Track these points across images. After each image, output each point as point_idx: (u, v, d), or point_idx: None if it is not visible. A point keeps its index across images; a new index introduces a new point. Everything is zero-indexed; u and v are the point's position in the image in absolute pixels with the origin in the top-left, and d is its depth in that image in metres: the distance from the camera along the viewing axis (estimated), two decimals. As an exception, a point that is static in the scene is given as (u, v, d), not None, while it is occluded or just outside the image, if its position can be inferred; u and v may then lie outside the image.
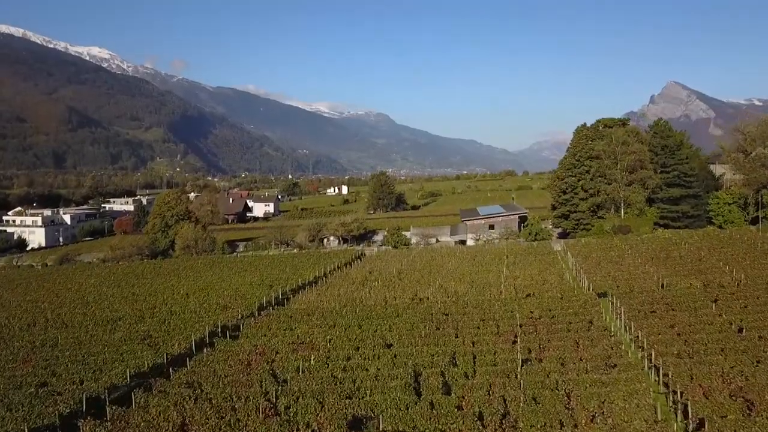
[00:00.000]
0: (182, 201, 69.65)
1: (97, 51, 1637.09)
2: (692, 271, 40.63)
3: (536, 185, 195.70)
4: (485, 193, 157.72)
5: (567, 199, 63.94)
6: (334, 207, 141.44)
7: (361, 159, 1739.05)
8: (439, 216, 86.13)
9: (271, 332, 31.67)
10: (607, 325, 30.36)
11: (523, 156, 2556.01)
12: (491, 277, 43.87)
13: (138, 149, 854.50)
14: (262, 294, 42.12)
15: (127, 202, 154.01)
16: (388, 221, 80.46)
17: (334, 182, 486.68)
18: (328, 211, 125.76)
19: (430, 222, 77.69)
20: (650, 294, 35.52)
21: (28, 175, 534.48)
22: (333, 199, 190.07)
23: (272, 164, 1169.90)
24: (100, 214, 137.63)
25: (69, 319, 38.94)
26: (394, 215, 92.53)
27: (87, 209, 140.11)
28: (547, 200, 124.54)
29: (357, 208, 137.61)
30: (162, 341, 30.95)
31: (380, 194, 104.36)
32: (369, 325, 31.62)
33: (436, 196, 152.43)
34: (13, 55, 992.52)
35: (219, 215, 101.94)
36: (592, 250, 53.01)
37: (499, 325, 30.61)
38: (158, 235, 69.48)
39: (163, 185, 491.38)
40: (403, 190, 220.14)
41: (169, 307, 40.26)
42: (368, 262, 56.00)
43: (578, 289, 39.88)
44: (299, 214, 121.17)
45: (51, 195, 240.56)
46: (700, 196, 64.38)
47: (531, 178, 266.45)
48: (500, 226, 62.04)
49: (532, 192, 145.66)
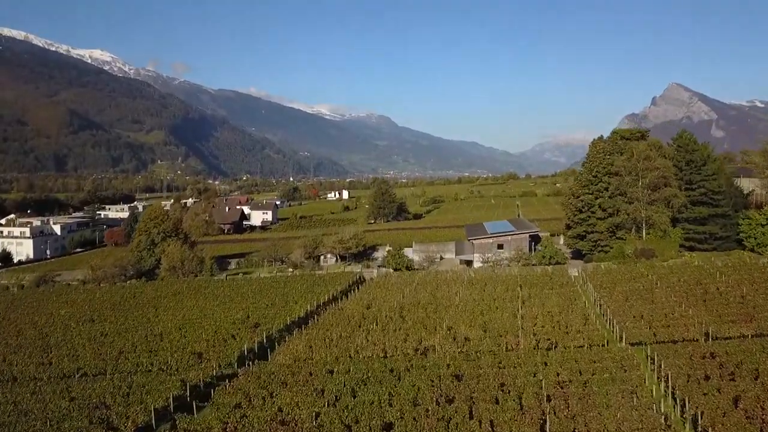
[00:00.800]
0: (170, 216, 64.22)
1: (99, 54, 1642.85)
2: (739, 314, 35.22)
3: (540, 191, 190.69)
4: (489, 200, 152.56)
5: (584, 218, 58.50)
6: (334, 215, 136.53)
7: (363, 161, 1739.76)
8: (443, 228, 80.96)
9: (247, 401, 26.40)
10: (653, 396, 25.01)
11: (525, 158, 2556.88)
12: (506, 317, 38.55)
13: (139, 152, 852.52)
14: (244, 338, 36.90)
15: (122, 209, 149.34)
16: (389, 234, 75.57)
17: (334, 186, 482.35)
18: (328, 219, 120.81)
19: (434, 236, 72.55)
20: (696, 348, 30.14)
21: (28, 179, 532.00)
22: (333, 205, 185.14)
23: (273, 167, 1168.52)
24: (94, 222, 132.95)
25: (21, 371, 33.78)
26: (396, 226, 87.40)
27: (80, 218, 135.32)
28: (552, 209, 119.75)
29: (357, 216, 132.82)
30: (116, 413, 25.70)
31: (381, 203, 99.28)
32: (365, 392, 26.33)
33: (439, 203, 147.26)
34: (14, 59, 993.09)
35: (214, 225, 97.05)
36: (615, 280, 47.63)
37: (522, 396, 25.29)
38: (144, 254, 64.26)
39: (164, 189, 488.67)
40: (405, 195, 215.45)
41: (137, 356, 35.06)
42: (366, 291, 50.74)
43: (608, 335, 34.55)
44: (297, 223, 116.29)
45: (49, 199, 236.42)
46: (729, 216, 59.00)
47: (534, 182, 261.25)
48: (510, 246, 56.68)
49: (537, 199, 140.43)
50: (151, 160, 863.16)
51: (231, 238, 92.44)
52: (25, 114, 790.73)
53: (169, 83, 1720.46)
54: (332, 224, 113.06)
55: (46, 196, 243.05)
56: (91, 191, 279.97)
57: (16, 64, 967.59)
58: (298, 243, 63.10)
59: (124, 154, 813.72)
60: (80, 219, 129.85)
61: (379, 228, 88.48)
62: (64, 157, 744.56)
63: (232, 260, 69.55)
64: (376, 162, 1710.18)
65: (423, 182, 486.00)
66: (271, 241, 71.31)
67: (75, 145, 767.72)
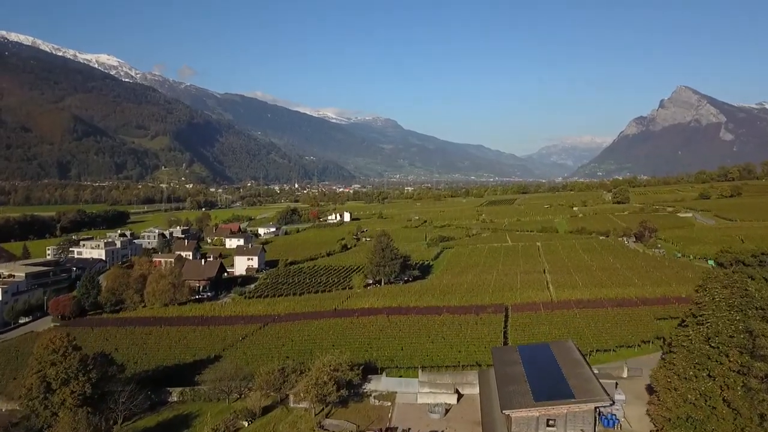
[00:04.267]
0: (72, 355, 41.06)
1: (106, 58, 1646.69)
2: None
3: (559, 219, 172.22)
4: (503, 236, 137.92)
5: (699, 419, 30.88)
6: (331, 258, 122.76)
7: (369, 165, 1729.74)
8: (458, 310, 63.19)
9: None
10: None
11: (531, 161, 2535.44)
12: None
13: (143, 158, 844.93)
14: None
15: (98, 245, 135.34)
16: (389, 326, 57.70)
17: (338, 197, 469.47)
18: (320, 269, 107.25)
19: (446, 322, 56.50)
20: None
21: (27, 188, 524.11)
22: (332, 234, 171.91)
23: (279, 172, 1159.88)
24: (61, 269, 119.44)
25: None
26: (397, 298, 72.46)
27: (44, 264, 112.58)
28: (579, 257, 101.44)
29: (355, 259, 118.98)
30: None
31: (381, 260, 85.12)
32: None
33: (447, 240, 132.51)
34: (20, 64, 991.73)
35: (183, 290, 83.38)
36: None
37: None
38: (36, 404, 41.66)
39: (164, 200, 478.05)
40: (409, 218, 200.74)
41: None
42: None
43: None
44: (285, 274, 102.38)
45: (34, 221, 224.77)
46: None
47: (547, 200, 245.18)
48: (565, 425, 36.48)
49: (561, 241, 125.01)
50: (155, 166, 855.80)
51: (195, 314, 74.87)
52: (29, 120, 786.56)
53: (176, 87, 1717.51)
54: (324, 275, 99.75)
55: (32, 217, 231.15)
56: (79, 212, 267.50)
57: (21, 69, 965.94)
58: (257, 381, 43.67)
59: (128, 161, 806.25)
60: (43, 268, 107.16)
61: (376, 300, 73.08)
62: (68, 164, 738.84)
63: (174, 390, 48.07)
64: (382, 166, 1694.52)
65: (429, 193, 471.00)
66: (224, 380, 47.64)
67: (79, 151, 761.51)
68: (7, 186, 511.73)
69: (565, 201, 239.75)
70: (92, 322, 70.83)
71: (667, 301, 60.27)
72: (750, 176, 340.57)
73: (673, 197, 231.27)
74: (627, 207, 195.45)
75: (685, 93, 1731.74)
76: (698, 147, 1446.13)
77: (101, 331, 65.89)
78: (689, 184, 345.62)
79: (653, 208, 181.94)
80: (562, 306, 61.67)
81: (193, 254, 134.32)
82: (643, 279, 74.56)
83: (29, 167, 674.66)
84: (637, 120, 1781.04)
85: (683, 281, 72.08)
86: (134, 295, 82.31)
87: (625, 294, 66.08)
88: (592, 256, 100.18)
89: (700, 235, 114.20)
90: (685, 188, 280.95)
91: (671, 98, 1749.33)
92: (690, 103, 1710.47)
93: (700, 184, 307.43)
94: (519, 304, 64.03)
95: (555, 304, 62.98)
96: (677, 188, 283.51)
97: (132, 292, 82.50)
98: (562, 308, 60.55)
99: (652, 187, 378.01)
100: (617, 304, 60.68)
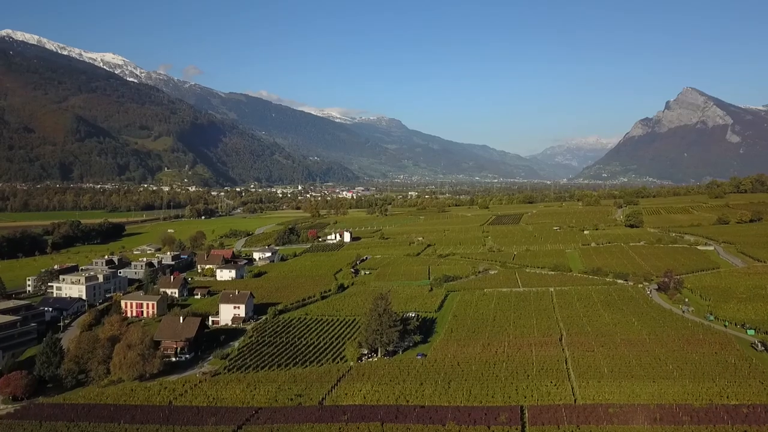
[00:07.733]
0: None
1: (111, 57, 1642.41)
2: None
3: (570, 247, 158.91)
4: (512, 272, 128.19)
5: None
6: (325, 301, 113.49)
7: (373, 165, 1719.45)
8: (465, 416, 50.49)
9: None
10: None
11: (536, 161, 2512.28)
12: None
13: (146, 159, 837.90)
14: None
15: (78, 280, 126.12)
16: None
17: (339, 204, 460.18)
18: (312, 320, 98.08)
19: None
20: None
21: (27, 192, 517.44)
22: (328, 262, 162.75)
23: (282, 173, 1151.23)
24: (37, 307, 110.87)
25: None
26: (395, 407, 58.61)
27: (11, 312, 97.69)
28: (597, 313, 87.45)
29: (352, 304, 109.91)
30: None
31: (379, 326, 75.50)
32: None
33: (453, 280, 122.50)
34: (25, 64, 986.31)
35: (155, 361, 74.44)
36: None
37: None
38: None
39: (164, 206, 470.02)
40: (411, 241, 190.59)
41: None
42: None
43: None
44: (272, 328, 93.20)
45: (24, 238, 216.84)
46: None
47: (559, 227, 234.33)
48: None
49: (574, 285, 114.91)
50: (158, 167, 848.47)
51: (162, 401, 64.62)
52: (32, 121, 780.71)
53: (180, 87, 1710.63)
54: (315, 332, 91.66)
55: (21, 234, 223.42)
56: (74, 222, 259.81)
57: (26, 69, 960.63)
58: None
59: (131, 162, 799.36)
60: (8, 318, 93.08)
61: (371, 387, 62.16)
62: (70, 165, 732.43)
63: None
64: (386, 166, 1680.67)
65: (432, 202, 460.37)
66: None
67: (81, 152, 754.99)
68: (7, 189, 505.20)
69: (575, 221, 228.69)
70: (43, 411, 61.59)
71: (716, 416, 50.21)
72: (763, 188, 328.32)
73: (688, 219, 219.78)
74: (641, 233, 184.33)
75: (691, 94, 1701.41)
76: (704, 149, 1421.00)
77: (49, 427, 56.76)
78: (701, 196, 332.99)
79: (671, 237, 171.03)
80: (588, 415, 51.90)
81: (179, 291, 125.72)
82: (679, 363, 64.60)
83: (31, 168, 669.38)
84: (643, 121, 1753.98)
85: (726, 369, 62.20)
86: (99, 366, 73.41)
87: (661, 392, 56.32)
88: (613, 314, 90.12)
89: (730, 285, 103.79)
90: (698, 204, 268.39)
91: (677, 100, 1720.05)
92: (696, 105, 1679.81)
93: (714, 199, 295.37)
94: (537, 408, 54.28)
95: (580, 411, 53.18)
96: (690, 205, 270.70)
97: (97, 363, 73.59)
98: (590, 421, 50.75)
99: (662, 198, 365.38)
100: (653, 416, 50.85)
